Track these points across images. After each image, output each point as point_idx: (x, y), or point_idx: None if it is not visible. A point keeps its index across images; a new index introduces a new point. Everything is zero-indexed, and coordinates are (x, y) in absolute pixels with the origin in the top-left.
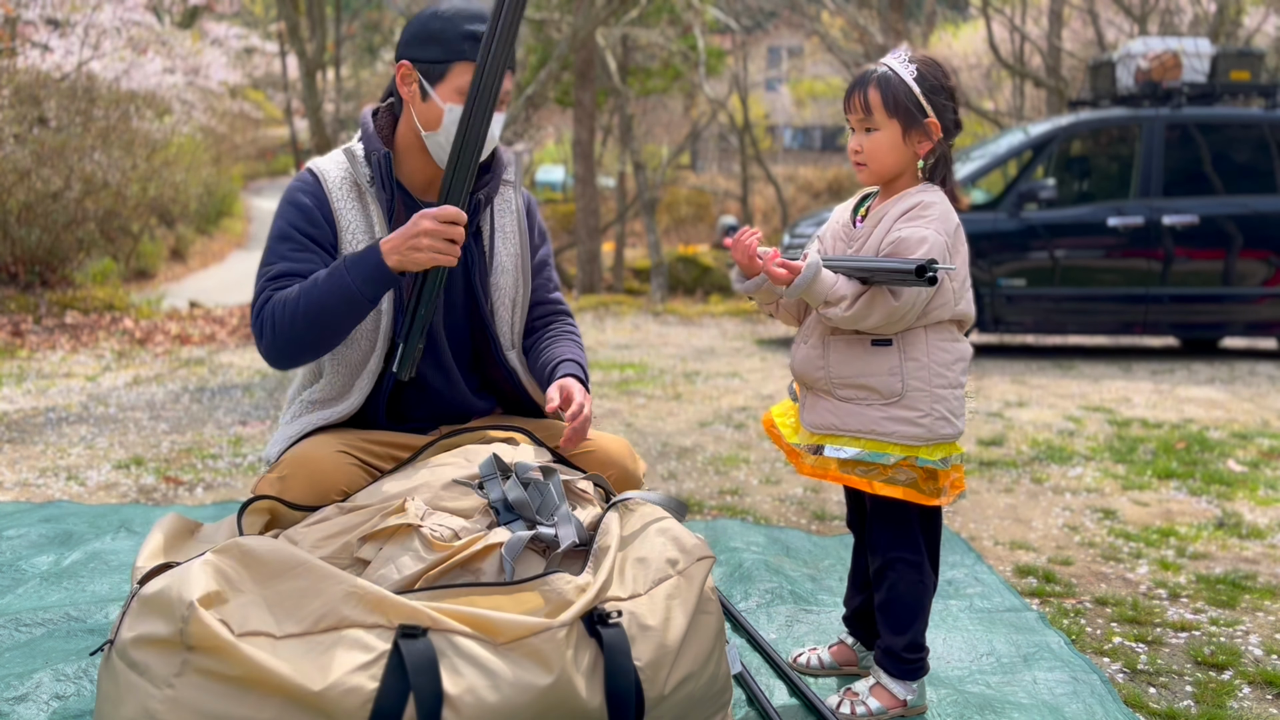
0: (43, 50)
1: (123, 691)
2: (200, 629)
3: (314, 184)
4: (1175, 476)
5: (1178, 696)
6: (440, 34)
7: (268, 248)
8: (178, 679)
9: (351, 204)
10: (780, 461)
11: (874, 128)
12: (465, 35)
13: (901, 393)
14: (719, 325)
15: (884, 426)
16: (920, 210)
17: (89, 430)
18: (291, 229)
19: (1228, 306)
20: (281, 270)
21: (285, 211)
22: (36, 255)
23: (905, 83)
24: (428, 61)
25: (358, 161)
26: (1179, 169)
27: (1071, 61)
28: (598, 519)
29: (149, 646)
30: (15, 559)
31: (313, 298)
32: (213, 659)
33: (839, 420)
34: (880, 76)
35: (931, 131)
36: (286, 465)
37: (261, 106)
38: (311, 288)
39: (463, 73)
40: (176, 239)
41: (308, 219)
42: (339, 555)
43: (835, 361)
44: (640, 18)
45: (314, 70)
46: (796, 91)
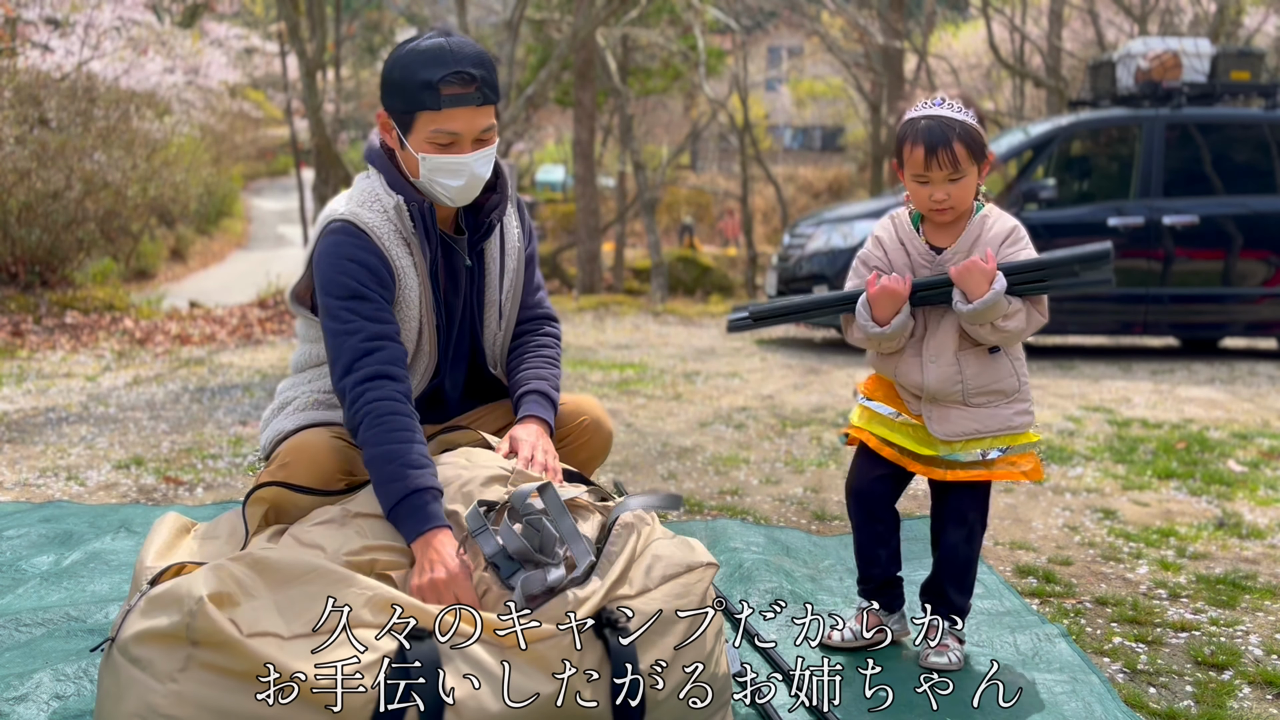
0: (43, 50)
1: (123, 687)
2: (207, 624)
3: (367, 240)
4: (1175, 477)
5: (1178, 696)
6: (401, 84)
7: (341, 308)
8: (181, 674)
9: (403, 255)
10: (780, 462)
11: (959, 176)
12: (421, 85)
13: (1018, 388)
14: (719, 325)
15: (1016, 420)
16: (1018, 233)
17: (89, 430)
18: (362, 285)
19: (1228, 306)
20: (373, 334)
21: (351, 270)
22: (36, 255)
23: (976, 128)
24: (397, 112)
25: (400, 213)
26: (1179, 169)
27: (1071, 61)
28: (602, 526)
29: (152, 642)
30: (15, 559)
31: (371, 464)
32: (218, 654)
33: (979, 424)
34: (961, 131)
35: (990, 159)
36: (287, 454)
37: (261, 106)
38: (377, 462)
39: (427, 121)
40: (176, 239)
41: (377, 279)
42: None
43: (970, 374)
44: (640, 18)
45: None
46: (796, 91)
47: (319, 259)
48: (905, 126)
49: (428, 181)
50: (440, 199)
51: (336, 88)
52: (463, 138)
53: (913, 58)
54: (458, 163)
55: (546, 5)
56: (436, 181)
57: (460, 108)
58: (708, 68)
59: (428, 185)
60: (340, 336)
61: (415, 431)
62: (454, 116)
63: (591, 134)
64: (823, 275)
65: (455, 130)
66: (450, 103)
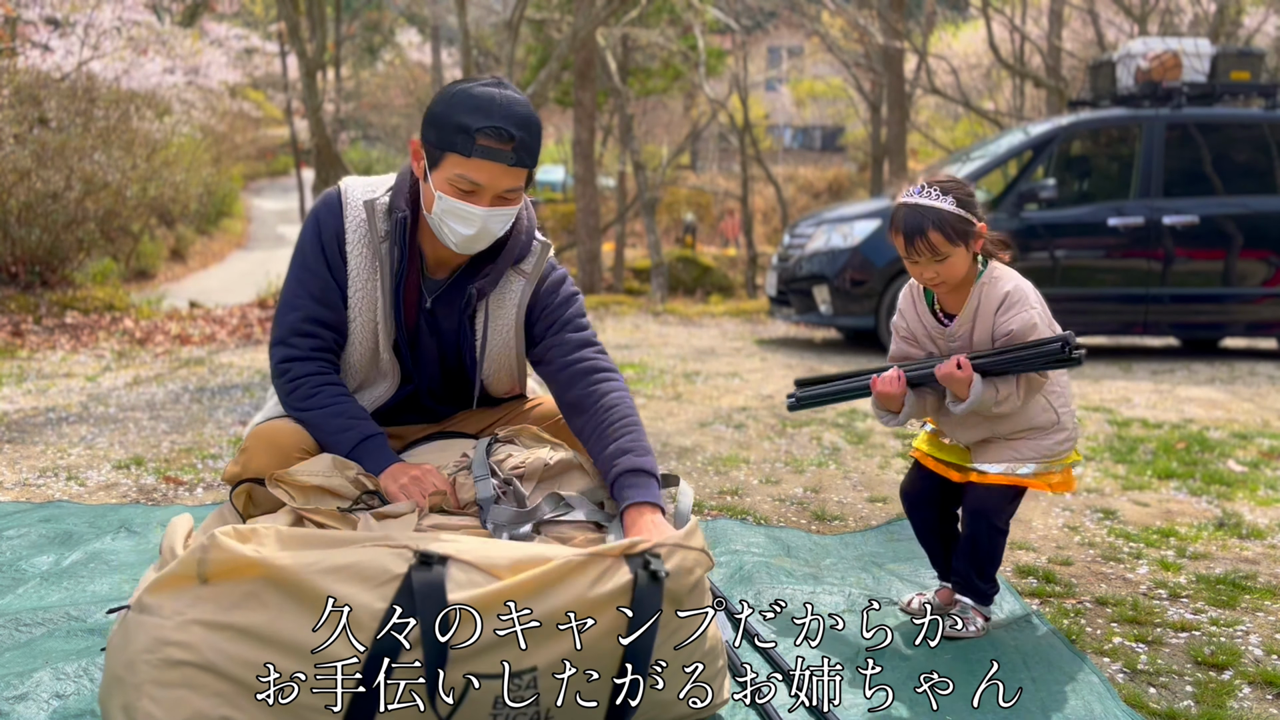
0: (43, 50)
1: (131, 633)
2: (219, 554)
3: (338, 213)
4: (1175, 477)
5: (1178, 696)
6: (439, 121)
7: (292, 272)
8: (190, 608)
9: (364, 248)
10: (780, 462)
11: (943, 258)
12: (458, 128)
13: (1056, 420)
14: (719, 325)
15: (1057, 449)
16: (1011, 298)
17: (89, 430)
18: (313, 261)
19: (1228, 306)
20: (309, 315)
21: (309, 237)
22: (36, 255)
23: (953, 213)
24: (430, 144)
25: (378, 214)
26: (1179, 169)
27: (1071, 61)
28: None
29: (162, 589)
30: (15, 559)
31: (315, 423)
32: (230, 580)
33: (1019, 454)
34: (935, 219)
35: (980, 233)
36: (247, 440)
37: (261, 106)
38: (320, 419)
39: (453, 165)
40: (176, 239)
41: (330, 260)
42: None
43: (1001, 424)
44: (640, 18)
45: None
46: (796, 91)
47: (305, 220)
48: (891, 214)
49: (438, 220)
50: (446, 240)
51: (336, 88)
52: (484, 190)
53: (913, 58)
54: (471, 212)
55: (546, 5)
56: (446, 224)
57: (490, 161)
58: (708, 68)
59: (438, 223)
60: (284, 307)
61: (348, 394)
62: (481, 168)
63: (591, 134)
64: (823, 275)
65: (478, 181)
66: (481, 154)
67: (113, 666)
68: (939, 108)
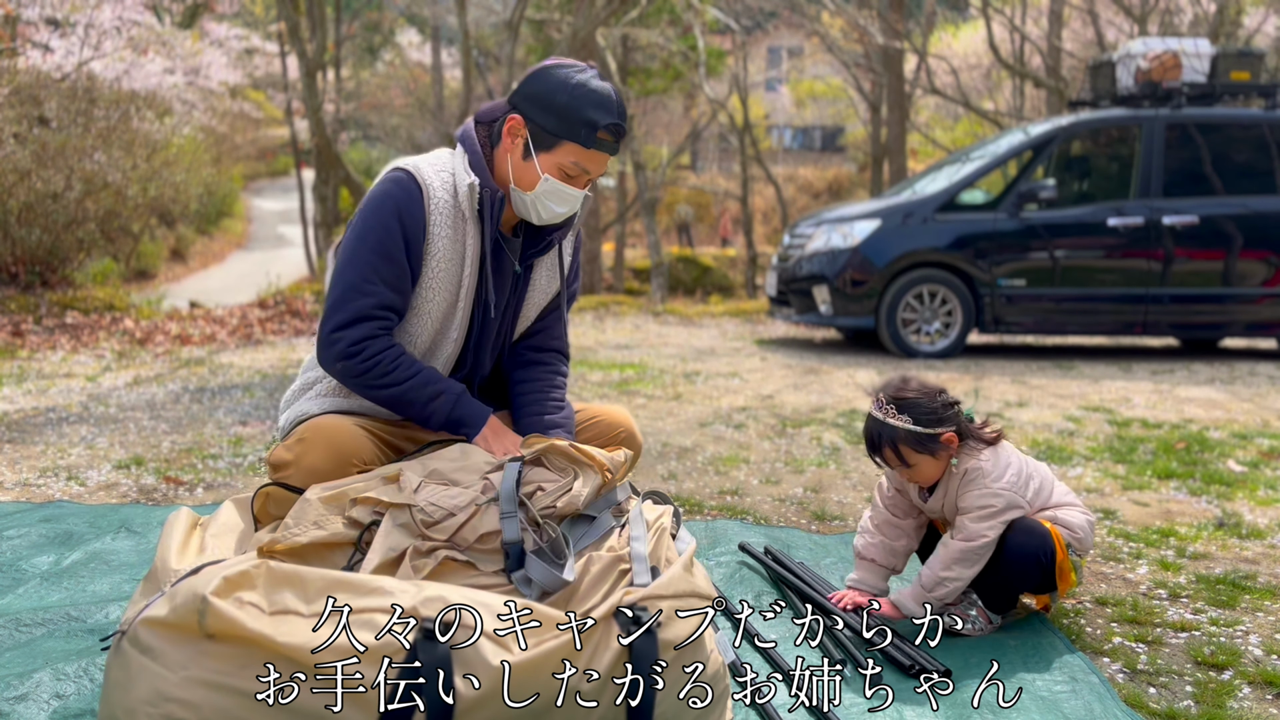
0: (43, 50)
1: (134, 675)
2: (216, 622)
3: (419, 198)
4: (1175, 477)
5: (1178, 696)
6: (563, 111)
7: (362, 256)
8: (193, 663)
9: (448, 230)
10: (780, 462)
11: (910, 465)
12: (585, 122)
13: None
14: (719, 325)
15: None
16: (969, 475)
17: (89, 430)
18: (393, 248)
19: (1228, 306)
20: (383, 302)
21: (388, 222)
22: (37, 255)
23: (910, 431)
24: (541, 127)
25: (472, 193)
26: (1179, 169)
27: (1071, 61)
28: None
29: (164, 632)
30: (15, 559)
31: (406, 398)
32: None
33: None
34: (890, 437)
35: (950, 442)
36: (306, 431)
37: (261, 107)
38: (410, 389)
39: (570, 152)
40: (177, 239)
41: (410, 247)
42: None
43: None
44: (640, 18)
45: (314, 70)
46: (796, 91)
47: (369, 200)
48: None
49: (534, 198)
50: (532, 214)
51: (336, 88)
52: (588, 176)
53: (913, 58)
54: (572, 194)
55: (546, 5)
56: (542, 201)
57: (603, 153)
58: (708, 68)
59: (532, 200)
60: (353, 291)
61: (422, 363)
62: (595, 158)
63: None
64: (823, 275)
65: (589, 169)
66: (599, 146)
67: (112, 704)
68: (939, 108)
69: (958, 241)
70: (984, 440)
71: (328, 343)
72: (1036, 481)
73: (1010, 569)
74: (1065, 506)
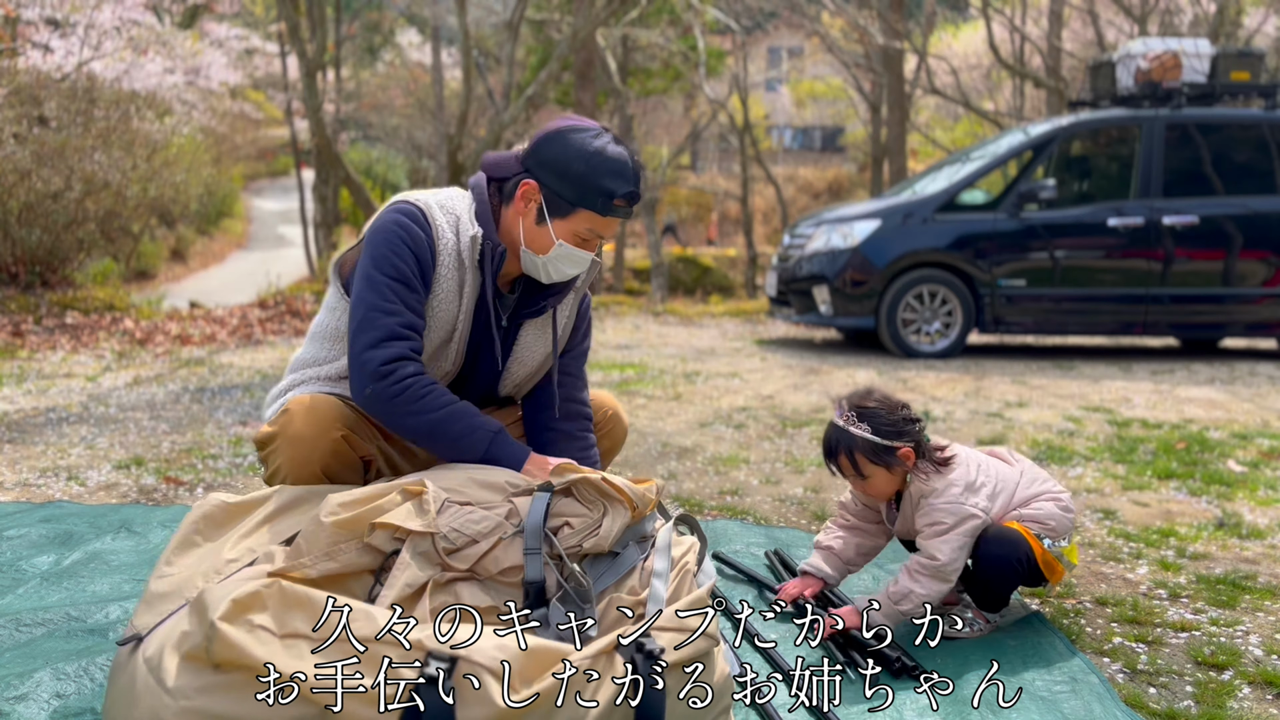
0: (43, 50)
1: (138, 694)
2: (224, 650)
3: (428, 231)
4: (1175, 477)
5: (1178, 696)
6: (579, 179)
7: (379, 280)
8: (198, 694)
9: (452, 271)
10: (780, 462)
11: (864, 477)
12: (602, 191)
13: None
14: (719, 325)
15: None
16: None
17: (89, 430)
18: (409, 273)
19: (1228, 307)
20: (406, 321)
21: (400, 249)
22: (37, 255)
23: (868, 440)
24: (556, 194)
25: (474, 244)
26: (1179, 169)
27: (1071, 61)
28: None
29: (178, 655)
30: (15, 559)
31: (439, 429)
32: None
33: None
34: (847, 446)
35: (906, 457)
36: (288, 404)
37: (261, 107)
38: (440, 423)
39: (585, 220)
40: (177, 239)
41: (424, 276)
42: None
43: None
44: (640, 18)
45: (314, 70)
46: (796, 92)
47: (378, 230)
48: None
49: (546, 261)
50: (542, 274)
51: (336, 88)
52: (601, 239)
53: (913, 58)
54: (584, 257)
55: (546, 5)
56: (554, 264)
57: (618, 219)
58: (708, 68)
59: (544, 263)
60: (376, 311)
61: (451, 394)
62: (609, 225)
63: None
64: (823, 275)
65: (603, 235)
66: (614, 213)
67: (114, 714)
68: (939, 108)
69: (958, 241)
70: (934, 463)
71: (357, 365)
72: (989, 487)
73: (990, 579)
74: (1036, 499)
